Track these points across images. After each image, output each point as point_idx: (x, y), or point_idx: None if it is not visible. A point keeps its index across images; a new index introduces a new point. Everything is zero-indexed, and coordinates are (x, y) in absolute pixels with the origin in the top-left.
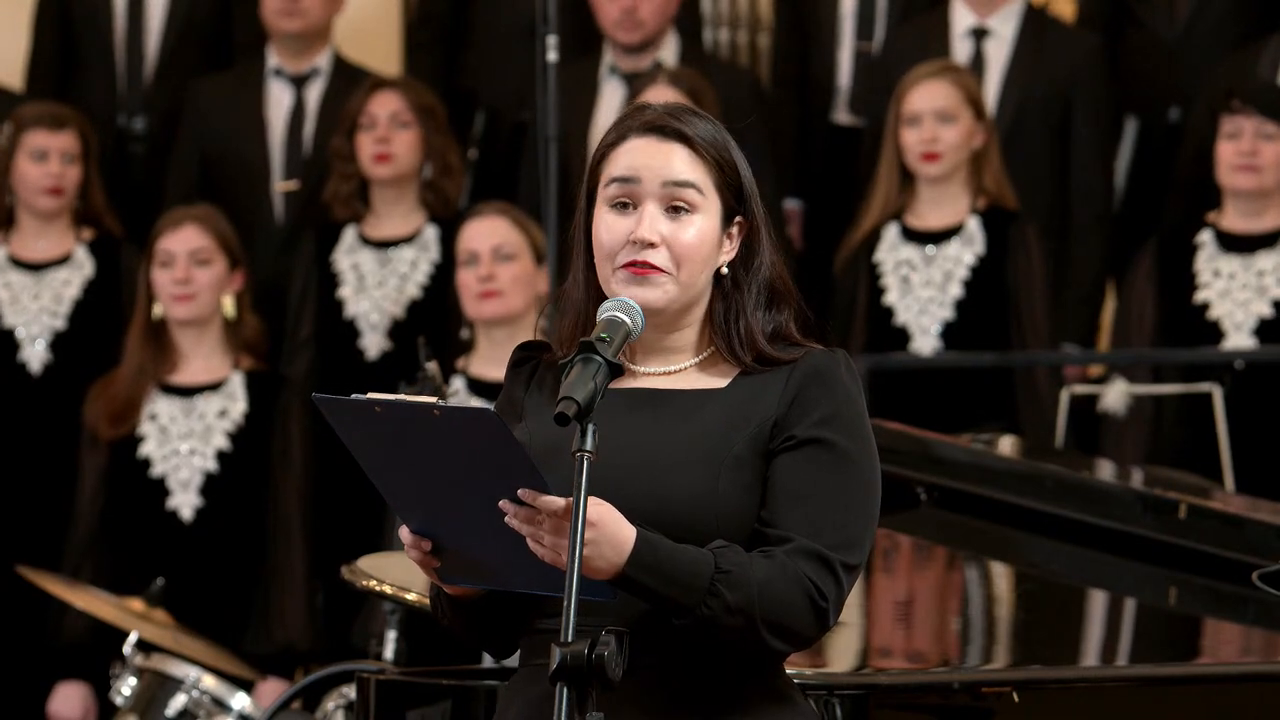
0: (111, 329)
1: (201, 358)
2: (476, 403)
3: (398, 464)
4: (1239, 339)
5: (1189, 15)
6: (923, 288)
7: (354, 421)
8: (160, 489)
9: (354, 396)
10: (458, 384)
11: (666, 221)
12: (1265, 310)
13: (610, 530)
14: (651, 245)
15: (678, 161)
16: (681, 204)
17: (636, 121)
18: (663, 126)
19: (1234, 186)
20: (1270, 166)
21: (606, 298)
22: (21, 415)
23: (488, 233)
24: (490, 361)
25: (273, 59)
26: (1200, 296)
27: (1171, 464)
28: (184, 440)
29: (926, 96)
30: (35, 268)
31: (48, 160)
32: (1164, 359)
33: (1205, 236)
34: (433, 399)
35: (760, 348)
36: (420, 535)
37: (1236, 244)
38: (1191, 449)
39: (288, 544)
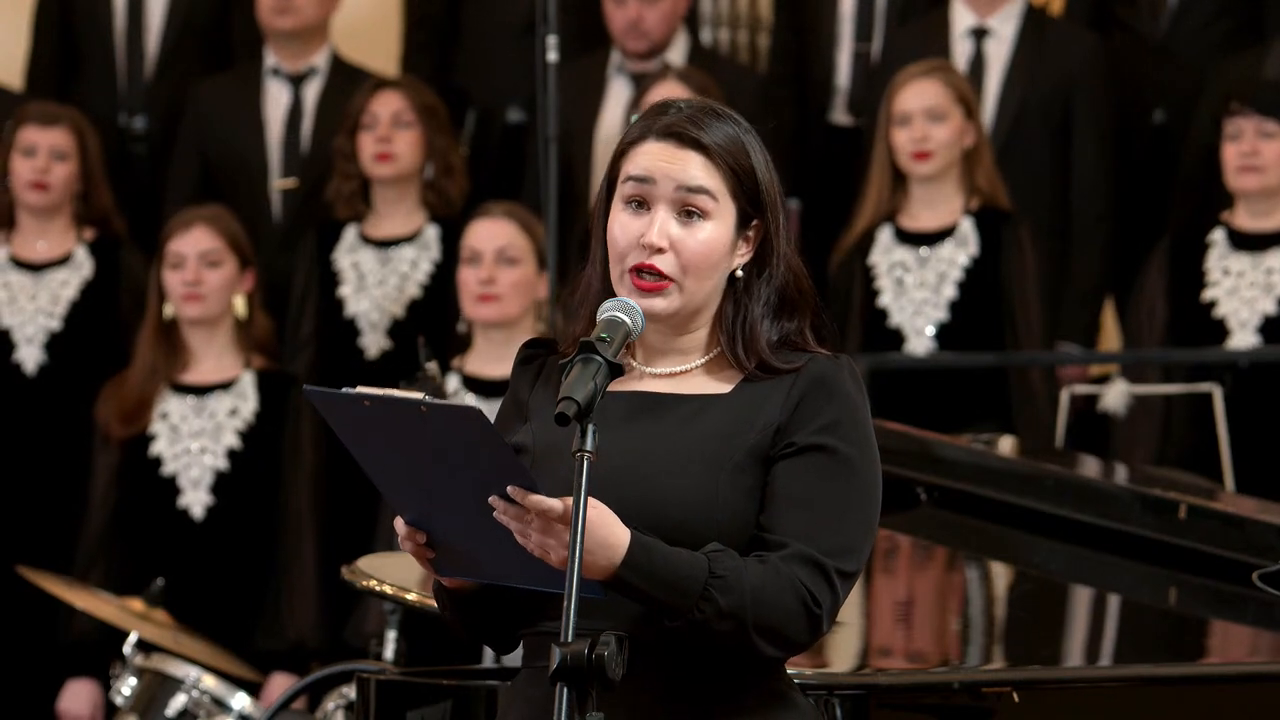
0: (109, 329)
1: (213, 357)
2: (472, 400)
3: (389, 458)
4: (1244, 337)
5: (1172, 17)
6: (917, 289)
7: (345, 415)
8: (171, 487)
9: (344, 390)
10: (454, 382)
11: (677, 226)
12: (1270, 308)
13: (601, 535)
14: (660, 250)
15: (692, 168)
16: (694, 209)
17: (657, 123)
18: (680, 133)
19: (1240, 188)
20: (1273, 165)
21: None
22: (17, 416)
23: (492, 234)
24: (487, 360)
25: (270, 58)
26: (1208, 295)
27: (1172, 464)
28: (195, 439)
29: (916, 95)
30: (35, 268)
31: (35, 156)
32: (1161, 359)
33: (1217, 235)
34: (420, 395)
35: (763, 354)
36: (415, 527)
37: (1248, 242)
38: (1192, 449)
39: (299, 542)
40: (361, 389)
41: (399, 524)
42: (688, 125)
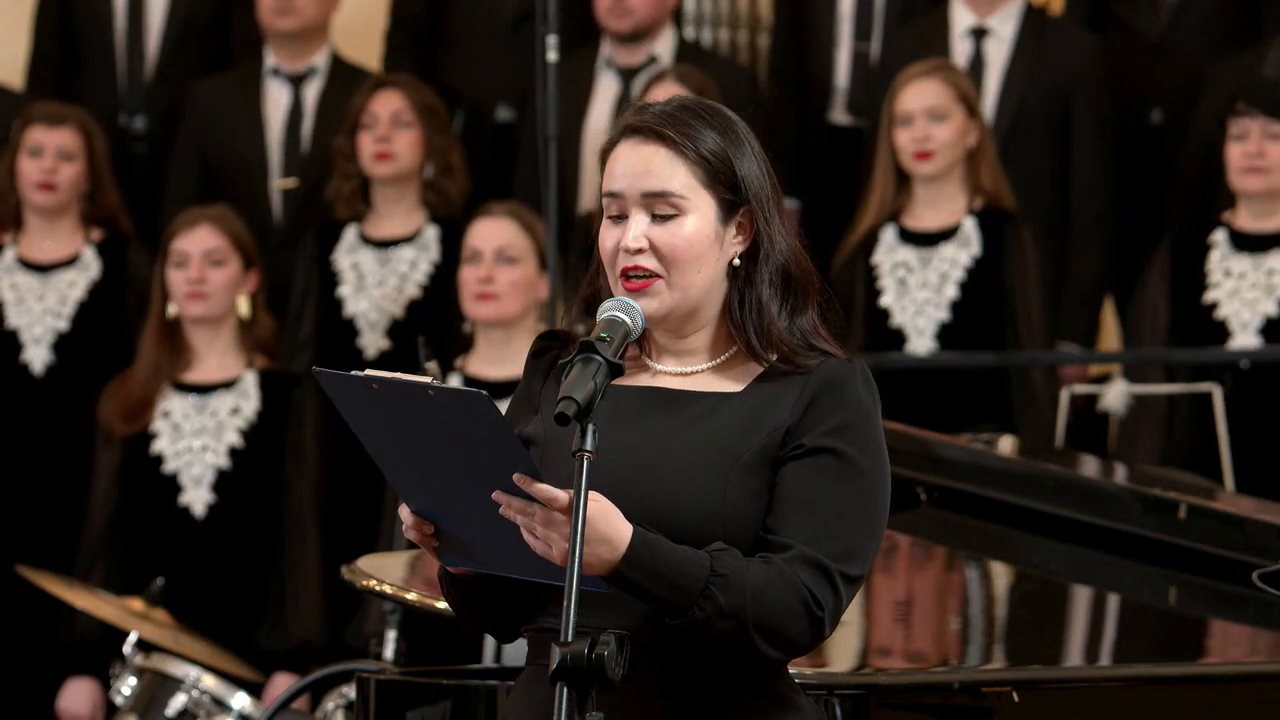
0: (116, 329)
1: (215, 356)
2: None
3: (395, 443)
4: (1245, 338)
5: (1171, 16)
6: (919, 289)
7: (353, 398)
8: (172, 485)
9: (353, 373)
10: (454, 383)
11: (653, 226)
12: (1271, 309)
13: (603, 530)
14: (640, 251)
15: (657, 168)
16: (664, 210)
17: (629, 123)
18: (644, 128)
19: (1244, 189)
20: (1278, 166)
21: None
22: (25, 416)
23: (493, 234)
24: (488, 361)
25: (270, 58)
26: (1209, 296)
27: (1172, 464)
28: (197, 436)
29: (918, 95)
30: (43, 269)
31: (42, 156)
32: (1161, 359)
33: (1219, 236)
34: (427, 379)
35: (782, 340)
36: (420, 515)
37: (1249, 243)
38: (1192, 449)
39: (302, 541)
40: (370, 372)
41: (404, 511)
42: (654, 121)
